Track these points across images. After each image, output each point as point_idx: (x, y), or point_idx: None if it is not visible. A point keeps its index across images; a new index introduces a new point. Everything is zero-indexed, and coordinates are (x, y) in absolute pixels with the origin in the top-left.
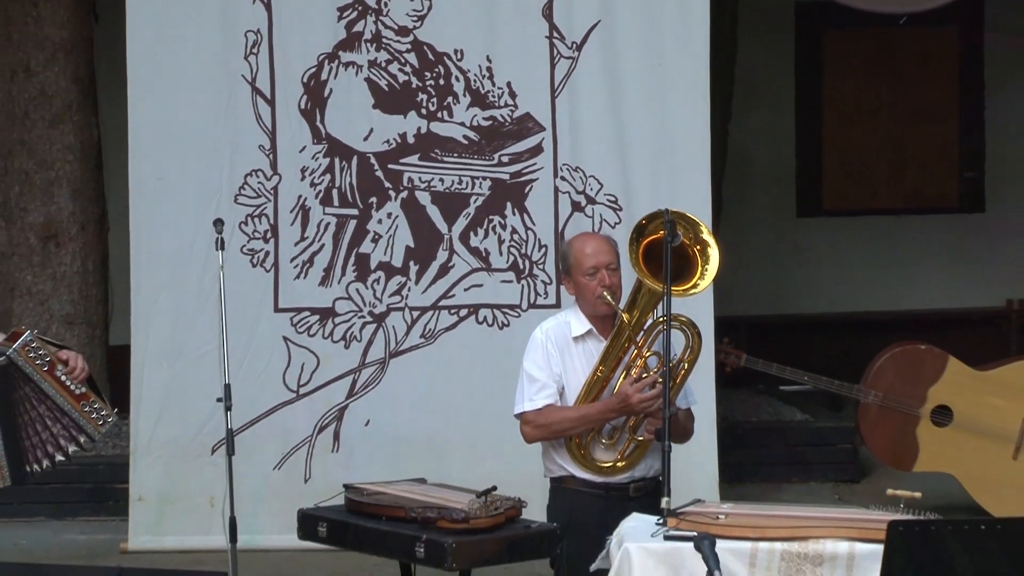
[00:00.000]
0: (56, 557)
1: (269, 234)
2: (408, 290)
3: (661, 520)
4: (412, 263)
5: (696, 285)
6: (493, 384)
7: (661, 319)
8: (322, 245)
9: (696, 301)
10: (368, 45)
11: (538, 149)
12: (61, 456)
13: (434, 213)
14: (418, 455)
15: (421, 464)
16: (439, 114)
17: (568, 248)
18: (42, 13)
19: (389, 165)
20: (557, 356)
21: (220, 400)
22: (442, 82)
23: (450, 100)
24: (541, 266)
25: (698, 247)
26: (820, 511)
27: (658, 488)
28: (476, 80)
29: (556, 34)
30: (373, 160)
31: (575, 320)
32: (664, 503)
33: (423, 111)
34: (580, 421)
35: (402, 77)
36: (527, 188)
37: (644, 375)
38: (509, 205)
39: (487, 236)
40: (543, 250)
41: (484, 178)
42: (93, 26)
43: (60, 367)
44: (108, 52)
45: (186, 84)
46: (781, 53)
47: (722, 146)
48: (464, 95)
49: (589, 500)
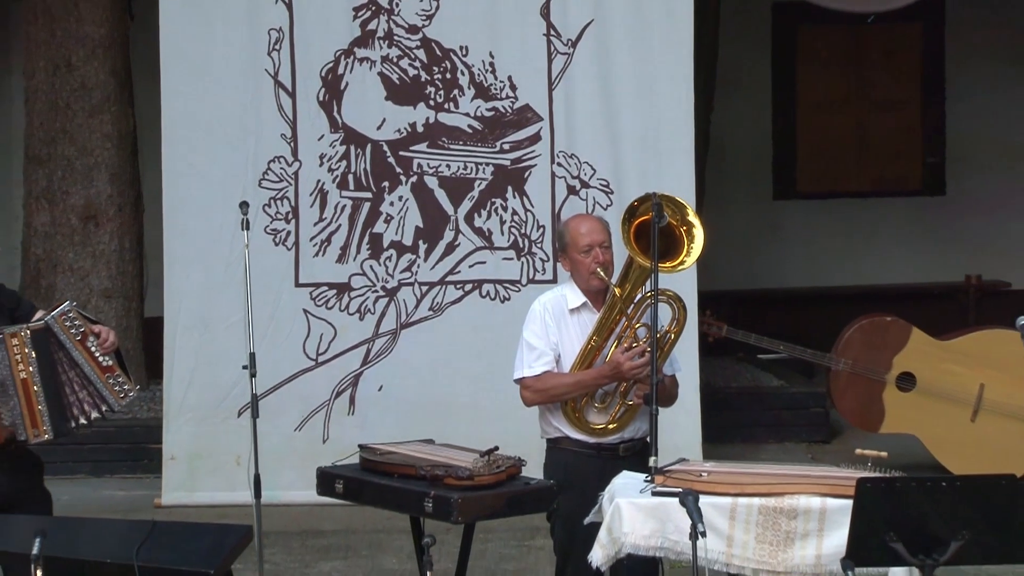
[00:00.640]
0: (95, 511)
1: (290, 215)
2: (417, 267)
3: (649, 477)
4: (421, 242)
5: (683, 262)
6: (495, 353)
7: (650, 293)
8: (339, 225)
9: (681, 276)
10: (381, 42)
11: (536, 137)
12: (84, 420)
13: (441, 196)
14: (427, 418)
15: (429, 426)
16: (446, 105)
17: (564, 228)
18: (82, 12)
19: (400, 152)
20: (554, 327)
21: (245, 367)
22: (448, 76)
23: (456, 92)
24: (539, 245)
25: (684, 227)
26: (794, 469)
27: (646, 448)
28: (480, 74)
29: (553, 32)
30: (385, 147)
31: (571, 294)
32: (652, 462)
33: (431, 103)
34: (575, 386)
35: (412, 71)
36: (526, 173)
37: (634, 344)
38: (510, 189)
39: (490, 217)
40: (541, 230)
41: (487, 164)
42: (129, 24)
43: (92, 339)
44: (143, 48)
45: (214, 78)
46: (758, 48)
47: (705, 134)
48: (469, 88)
49: (583, 459)
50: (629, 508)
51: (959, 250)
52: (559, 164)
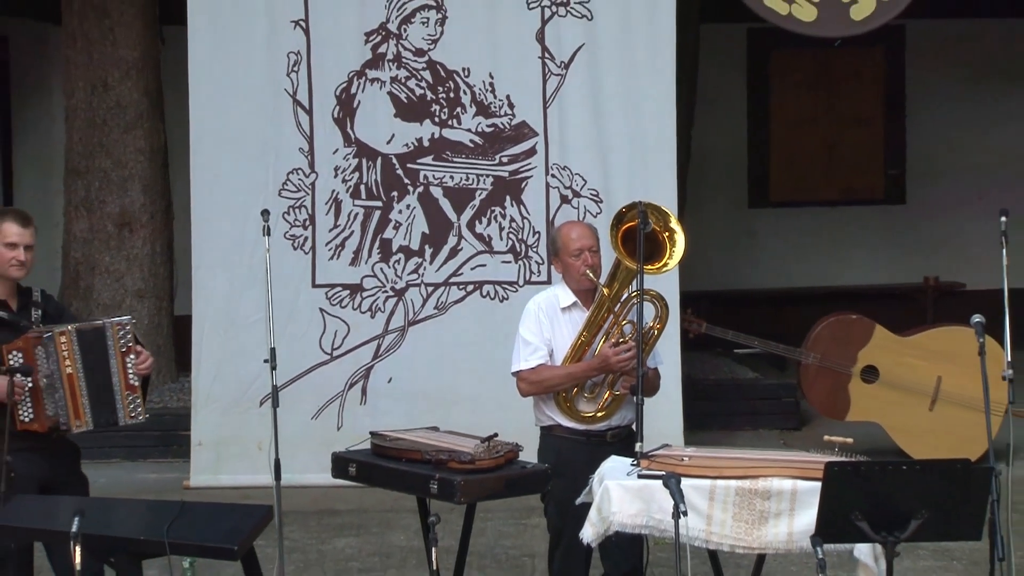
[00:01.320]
0: (129, 492)
1: (307, 222)
2: (424, 269)
3: (635, 462)
4: (427, 246)
5: (666, 265)
6: (494, 348)
7: (635, 293)
8: (352, 232)
9: (664, 277)
10: (390, 64)
11: (532, 151)
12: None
13: (445, 205)
14: (432, 407)
15: (434, 414)
16: (449, 122)
17: (557, 234)
18: (117, 37)
19: (408, 164)
20: (548, 324)
21: (266, 361)
22: (452, 95)
23: (459, 110)
24: (535, 249)
25: (667, 233)
26: (768, 454)
27: (632, 435)
28: (480, 93)
29: (547, 55)
30: (394, 160)
31: (563, 294)
32: (637, 447)
33: (436, 119)
34: (567, 378)
35: (419, 91)
36: (523, 184)
37: (621, 340)
38: (508, 198)
39: (489, 224)
40: (536, 236)
41: (487, 175)
42: (160, 48)
43: (132, 356)
44: (173, 69)
45: (238, 97)
46: (735, 70)
47: (686, 148)
48: (470, 106)
49: (573, 445)
50: (617, 490)
51: (918, 254)
52: (553, 175)
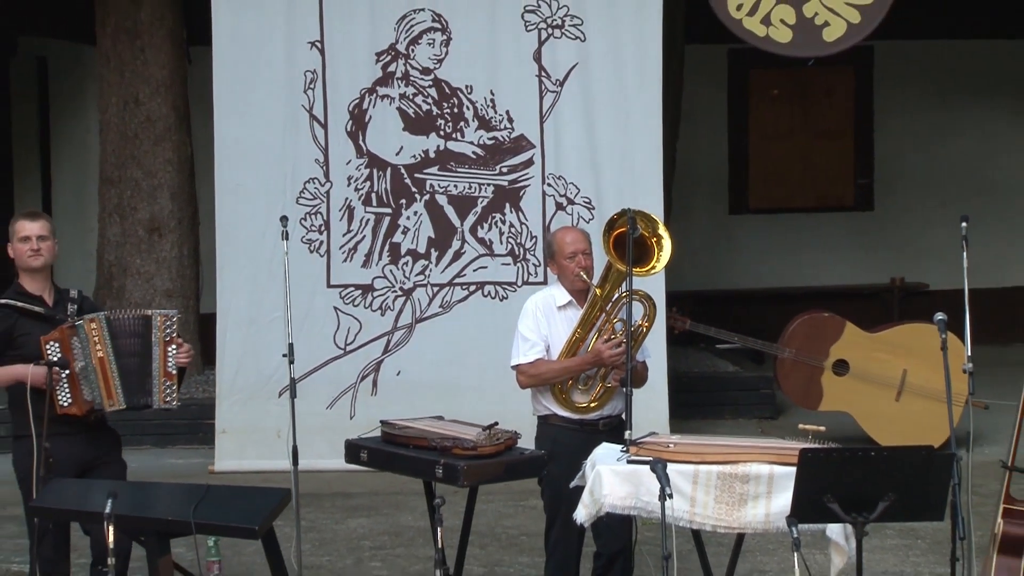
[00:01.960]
0: (158, 476)
1: (323, 228)
2: (430, 271)
3: (625, 448)
4: (433, 250)
5: (653, 267)
6: (495, 343)
7: (625, 293)
8: (363, 236)
9: (652, 279)
10: (399, 82)
11: (530, 162)
12: (144, 403)
13: (450, 211)
14: (437, 398)
15: (440, 404)
16: (454, 135)
17: (552, 238)
18: (147, 57)
19: (415, 174)
20: (544, 321)
21: (285, 356)
22: (456, 110)
23: (462, 124)
24: (532, 252)
25: (655, 238)
26: (747, 441)
27: (622, 423)
28: (482, 109)
29: (543, 73)
30: (403, 170)
31: (558, 294)
32: (627, 435)
33: (441, 133)
34: (562, 372)
35: (425, 106)
36: (521, 192)
37: (612, 336)
38: (507, 205)
39: (491, 229)
40: (534, 240)
41: (488, 184)
42: (187, 67)
43: (173, 347)
44: (199, 87)
45: (259, 112)
46: (717, 87)
47: (671, 159)
48: (473, 120)
49: (568, 433)
50: (608, 474)
51: (885, 257)
52: (549, 185)
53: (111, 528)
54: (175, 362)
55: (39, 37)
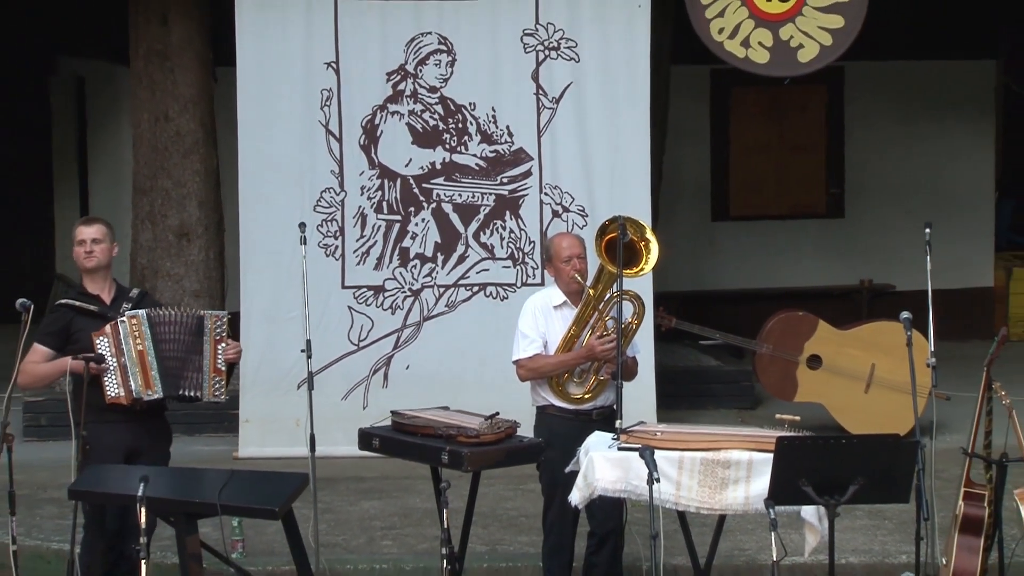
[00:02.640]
0: (187, 462)
1: (338, 233)
2: (436, 273)
3: (616, 436)
4: (439, 254)
5: (642, 269)
6: (496, 340)
7: (616, 293)
8: (375, 241)
9: (641, 280)
10: (408, 99)
11: (528, 173)
12: (189, 394)
13: (455, 218)
14: (443, 390)
15: (446, 396)
16: (458, 148)
17: (549, 243)
18: (177, 77)
19: (423, 184)
20: (542, 319)
21: (303, 351)
22: (460, 125)
23: (466, 138)
24: (530, 256)
25: (643, 243)
26: (728, 430)
27: (613, 414)
28: (484, 124)
29: (541, 91)
30: (411, 181)
31: (555, 294)
32: (618, 424)
33: (447, 146)
34: (559, 366)
35: (432, 122)
36: (520, 201)
37: (604, 333)
38: (508, 213)
39: (492, 234)
40: (532, 245)
41: (490, 193)
42: (213, 86)
43: (223, 345)
44: (224, 104)
45: (279, 127)
46: (700, 104)
47: (658, 170)
48: (476, 135)
49: (564, 422)
50: (600, 460)
51: (855, 260)
52: (546, 194)
53: (143, 509)
54: (224, 359)
55: (78, 58)
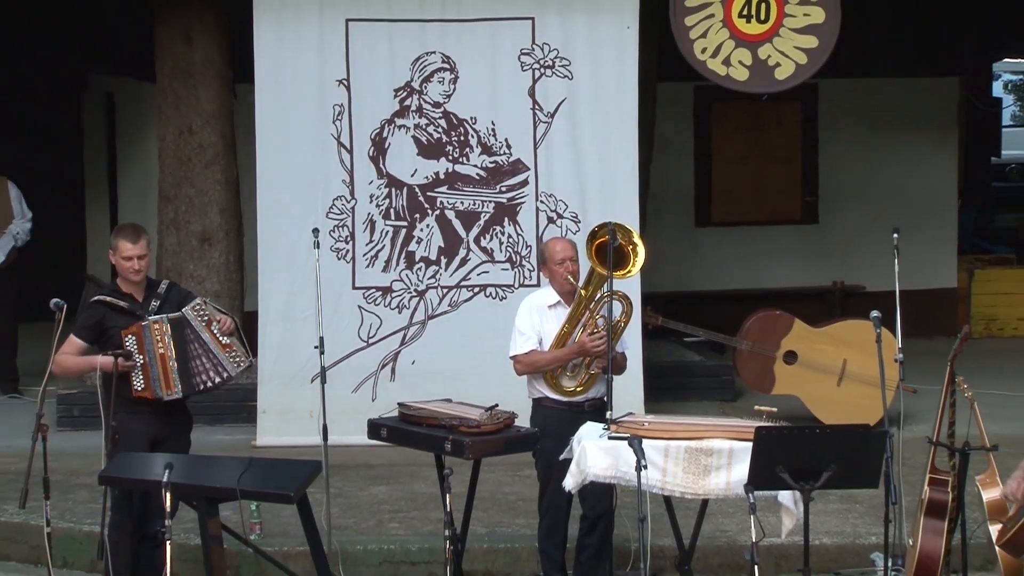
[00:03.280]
0: (209, 450)
1: (348, 238)
2: (440, 275)
3: (606, 426)
4: (443, 257)
5: (630, 271)
6: (495, 337)
7: (606, 294)
8: (383, 245)
9: (629, 281)
10: (414, 114)
11: (525, 182)
12: (210, 383)
13: (457, 224)
14: (447, 383)
15: (448, 389)
16: (460, 159)
17: (544, 247)
18: (199, 93)
19: (427, 193)
20: (538, 318)
21: (316, 347)
22: (462, 138)
23: (467, 150)
24: (527, 259)
25: (631, 247)
26: (710, 420)
27: (604, 405)
28: (485, 137)
29: (537, 107)
30: (417, 190)
31: (549, 294)
32: (608, 415)
33: (450, 157)
34: (553, 361)
35: (436, 135)
36: (518, 208)
37: (595, 330)
38: (506, 219)
39: (492, 239)
40: (528, 249)
41: (490, 201)
42: (233, 101)
43: (215, 324)
44: (243, 118)
45: (295, 140)
46: (684, 118)
47: (645, 180)
48: (476, 147)
49: (558, 413)
50: (592, 448)
51: (828, 263)
52: (541, 201)
53: (167, 494)
54: (222, 333)
55: (108, 75)
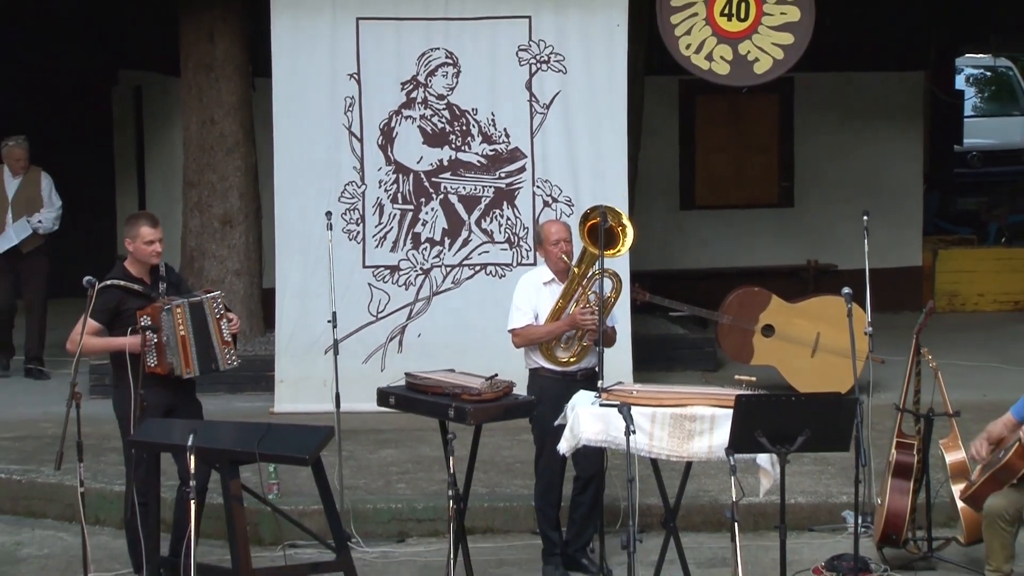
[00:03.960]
0: (230, 416)
1: (359, 220)
2: (444, 255)
3: (598, 394)
4: (446, 238)
5: (620, 251)
6: (495, 311)
7: (597, 271)
8: (391, 227)
9: (619, 260)
10: (419, 105)
11: (523, 169)
12: (213, 368)
13: (460, 208)
14: (450, 355)
15: (452, 360)
16: (462, 147)
17: (540, 229)
18: (221, 86)
19: (432, 178)
20: (534, 294)
21: (330, 321)
22: (464, 128)
23: (469, 139)
24: (524, 240)
25: (620, 228)
26: (694, 389)
27: (595, 375)
28: (485, 127)
29: (534, 99)
30: (422, 175)
31: (544, 272)
32: (599, 384)
33: (453, 145)
34: (548, 334)
35: (440, 125)
36: (516, 192)
37: (587, 306)
38: (505, 203)
39: (492, 221)
40: (525, 230)
41: (490, 186)
42: (252, 93)
43: (225, 322)
44: (262, 109)
45: (309, 129)
46: (670, 109)
47: (634, 166)
48: (478, 136)
49: (553, 382)
50: (584, 414)
51: (803, 244)
52: (538, 187)
53: (192, 457)
54: (229, 332)
55: (136, 71)
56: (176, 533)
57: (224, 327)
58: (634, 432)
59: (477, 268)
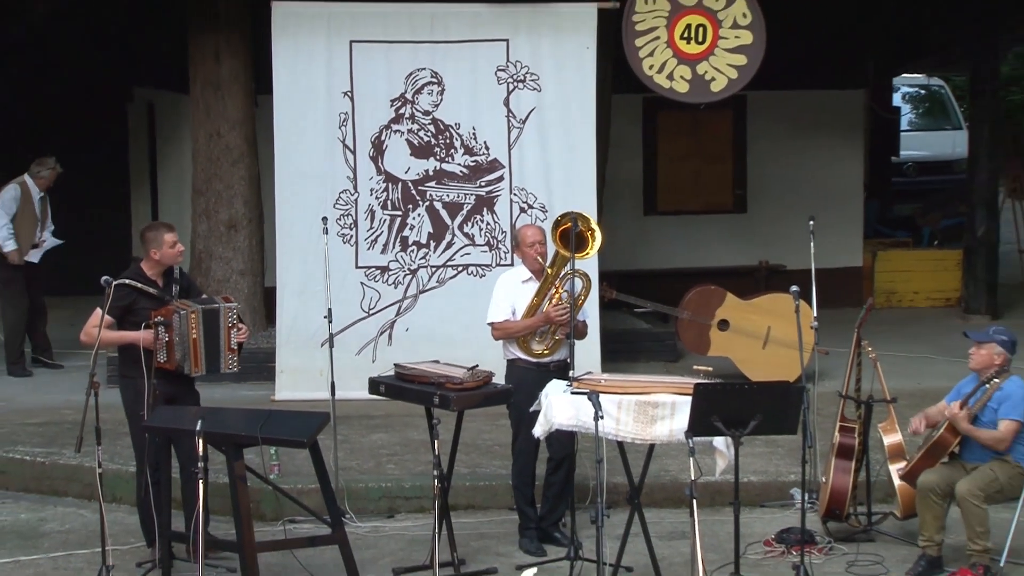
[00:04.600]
0: (234, 403)
1: (352, 225)
2: (429, 256)
3: (569, 383)
4: (432, 241)
5: (588, 253)
6: (476, 308)
7: (569, 272)
8: (381, 231)
9: (588, 262)
10: (407, 120)
11: (501, 179)
12: (212, 371)
13: (444, 214)
14: (435, 347)
15: (437, 352)
16: (446, 159)
17: (518, 233)
18: (227, 103)
19: (419, 187)
20: (512, 291)
21: (326, 317)
22: (448, 141)
23: (452, 151)
24: (503, 243)
25: (590, 232)
26: (656, 378)
27: (567, 366)
28: (467, 140)
29: (511, 114)
30: (410, 184)
31: (522, 272)
32: (571, 374)
33: (438, 157)
34: (524, 328)
35: (426, 138)
36: (495, 200)
37: (560, 303)
38: (485, 209)
39: (473, 226)
40: (504, 234)
41: (471, 194)
42: (255, 109)
43: (235, 330)
44: (264, 124)
45: (307, 142)
46: (634, 124)
47: (602, 176)
48: (460, 148)
49: (529, 372)
50: (557, 401)
51: (755, 246)
52: (515, 194)
53: (200, 441)
54: (236, 340)
55: (149, 88)
56: (187, 512)
57: (233, 335)
58: (602, 417)
59: (460, 268)
